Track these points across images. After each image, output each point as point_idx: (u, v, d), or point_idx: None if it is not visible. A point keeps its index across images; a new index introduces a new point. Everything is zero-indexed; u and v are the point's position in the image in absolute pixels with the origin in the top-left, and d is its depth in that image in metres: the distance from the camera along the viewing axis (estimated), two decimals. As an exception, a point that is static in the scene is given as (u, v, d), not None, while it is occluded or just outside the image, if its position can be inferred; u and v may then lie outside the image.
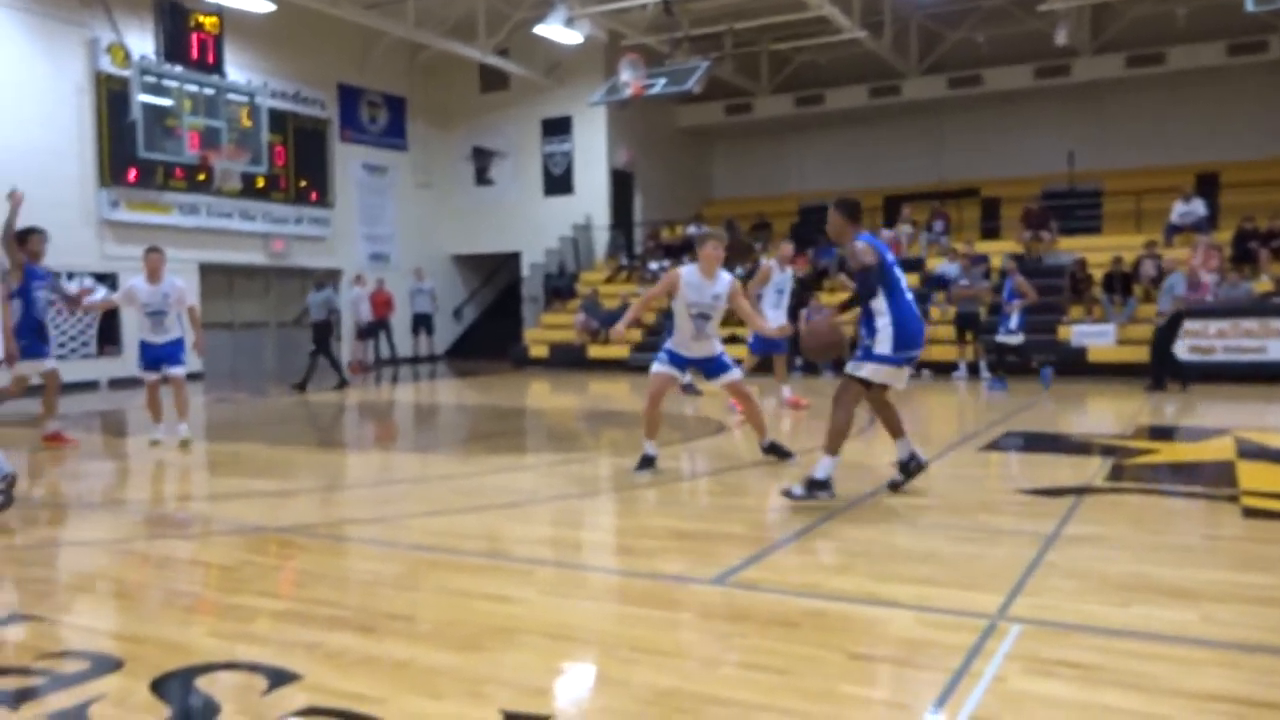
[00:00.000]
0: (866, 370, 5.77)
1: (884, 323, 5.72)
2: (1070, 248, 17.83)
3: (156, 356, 8.93)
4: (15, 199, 8.43)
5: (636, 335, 17.84)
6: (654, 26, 18.79)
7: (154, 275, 8.85)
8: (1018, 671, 3.14)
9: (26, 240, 8.70)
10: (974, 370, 15.09)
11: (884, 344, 5.71)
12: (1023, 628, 3.54)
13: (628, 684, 3.10)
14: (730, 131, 25.43)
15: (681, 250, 21.81)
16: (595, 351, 18.96)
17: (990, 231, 20.28)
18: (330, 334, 15.34)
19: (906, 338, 5.73)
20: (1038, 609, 3.76)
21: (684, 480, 7.00)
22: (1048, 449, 8.33)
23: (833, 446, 5.74)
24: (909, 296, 5.85)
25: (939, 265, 17.82)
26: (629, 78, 16.80)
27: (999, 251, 18.06)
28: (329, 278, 16.60)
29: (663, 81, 16.82)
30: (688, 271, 6.85)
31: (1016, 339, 14.01)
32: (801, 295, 17.54)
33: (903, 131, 23.50)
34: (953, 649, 3.32)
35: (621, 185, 23.06)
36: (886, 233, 19.72)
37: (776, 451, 7.23)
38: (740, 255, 20.86)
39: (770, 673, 3.16)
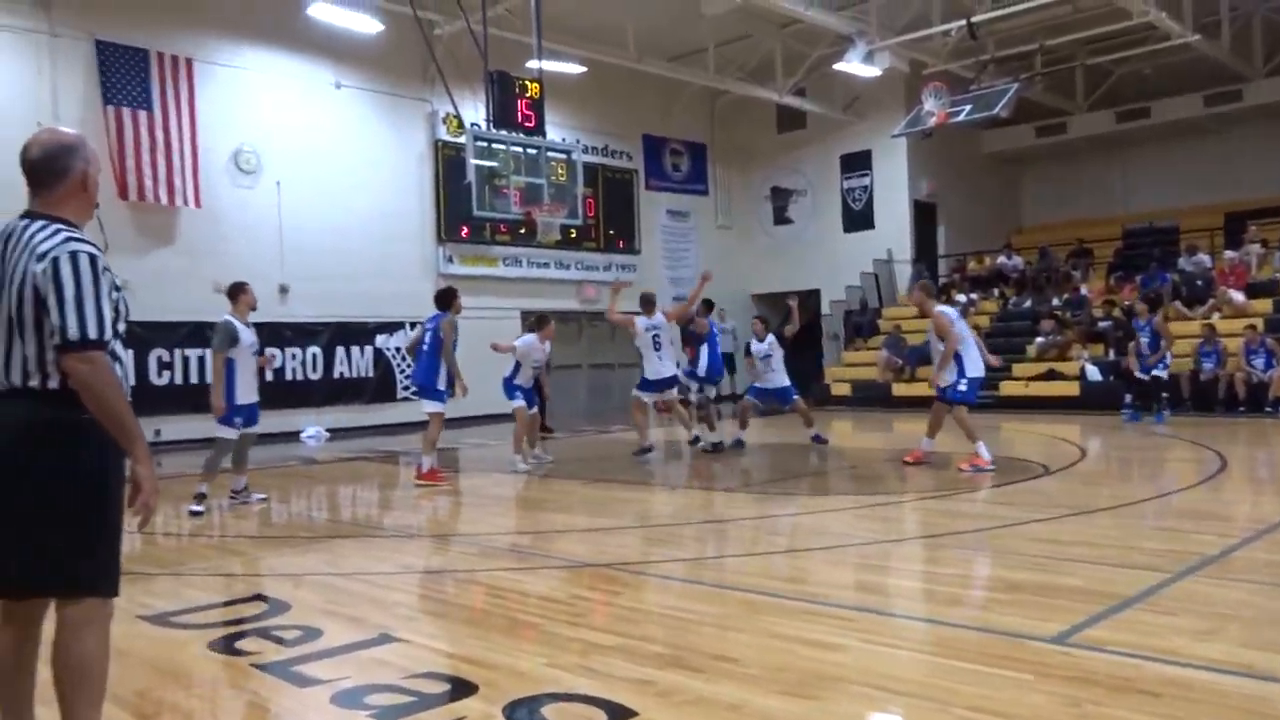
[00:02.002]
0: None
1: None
2: None
3: (529, 398, 11.23)
4: None
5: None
6: (957, 52, 18.13)
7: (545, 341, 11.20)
8: None
9: (454, 299, 10.03)
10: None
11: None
12: None
13: (969, 746, 2.94)
14: (1042, 154, 24.00)
15: (990, 282, 20.80)
16: (900, 389, 18.40)
17: (1363, 247, 17.67)
18: None
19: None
20: None
21: (1009, 526, 6.58)
22: None
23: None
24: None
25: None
26: (933, 106, 16.31)
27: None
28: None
29: (969, 108, 16.17)
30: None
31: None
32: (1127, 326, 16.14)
33: (1246, 140, 21.12)
34: (1360, 737, 2.88)
35: (924, 217, 22.36)
36: (1229, 254, 17.76)
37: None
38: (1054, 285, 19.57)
39: (1133, 747, 2.88)
